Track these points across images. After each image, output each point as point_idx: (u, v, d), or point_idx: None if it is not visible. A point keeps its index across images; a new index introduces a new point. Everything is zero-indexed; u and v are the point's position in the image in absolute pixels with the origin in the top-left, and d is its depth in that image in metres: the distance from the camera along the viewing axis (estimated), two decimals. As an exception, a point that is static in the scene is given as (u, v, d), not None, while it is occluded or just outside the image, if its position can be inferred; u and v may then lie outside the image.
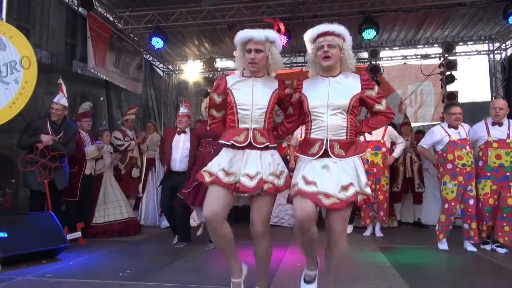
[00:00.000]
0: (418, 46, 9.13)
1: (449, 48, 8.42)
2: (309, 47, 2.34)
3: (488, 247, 4.19)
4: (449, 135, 4.23)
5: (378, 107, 2.28)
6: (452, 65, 8.32)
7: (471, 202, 4.14)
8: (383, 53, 9.26)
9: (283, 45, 2.60)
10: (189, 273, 3.30)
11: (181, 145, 4.64)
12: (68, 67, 6.69)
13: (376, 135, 5.18)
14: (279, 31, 2.49)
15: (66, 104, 4.57)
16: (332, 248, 2.24)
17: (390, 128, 5.33)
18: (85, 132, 5.14)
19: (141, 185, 6.46)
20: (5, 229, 3.59)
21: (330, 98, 2.20)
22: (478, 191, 4.18)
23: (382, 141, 5.20)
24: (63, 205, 4.89)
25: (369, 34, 6.92)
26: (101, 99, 7.56)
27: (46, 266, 3.56)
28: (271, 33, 2.32)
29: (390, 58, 9.43)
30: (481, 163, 4.21)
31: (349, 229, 5.29)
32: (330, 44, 2.21)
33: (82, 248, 4.33)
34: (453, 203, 4.13)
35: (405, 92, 9.31)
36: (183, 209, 4.55)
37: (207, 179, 2.28)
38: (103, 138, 5.44)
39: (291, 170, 3.22)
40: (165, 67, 10.09)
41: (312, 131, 2.24)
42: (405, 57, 9.37)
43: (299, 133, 5.11)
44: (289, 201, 2.29)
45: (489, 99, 8.90)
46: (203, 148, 4.47)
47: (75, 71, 6.77)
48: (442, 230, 4.22)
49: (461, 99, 8.43)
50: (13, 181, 5.83)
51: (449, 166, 4.18)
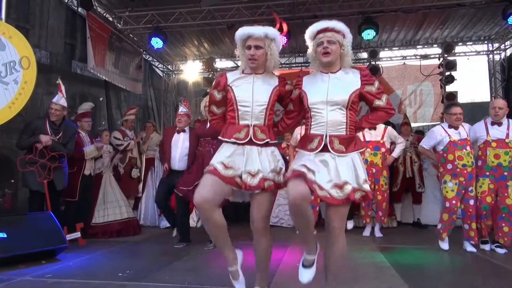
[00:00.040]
0: (418, 47, 9.14)
1: (448, 48, 8.44)
2: (309, 43, 2.34)
3: (487, 247, 4.18)
4: (449, 135, 4.23)
5: (378, 102, 2.27)
6: (452, 66, 8.34)
7: (471, 202, 4.14)
8: (382, 54, 9.28)
9: (283, 45, 2.60)
10: (188, 273, 3.30)
11: (180, 144, 4.66)
12: (68, 67, 6.68)
13: (375, 135, 5.18)
14: (281, 30, 2.48)
15: (65, 105, 4.57)
16: (331, 247, 2.24)
17: (389, 128, 5.32)
18: (84, 132, 5.14)
19: (141, 185, 6.46)
20: (4, 230, 3.58)
21: (329, 94, 2.20)
22: (477, 189, 4.19)
23: (381, 141, 5.18)
24: (63, 205, 4.88)
25: (368, 34, 6.92)
26: (101, 99, 7.55)
27: (46, 266, 3.55)
28: (270, 30, 2.32)
29: (390, 59, 9.44)
30: (480, 162, 4.21)
31: (349, 225, 5.28)
32: (329, 40, 2.21)
33: (82, 249, 4.33)
34: (454, 202, 4.13)
35: (405, 93, 9.32)
36: (182, 209, 4.57)
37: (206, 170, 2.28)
38: (102, 138, 5.44)
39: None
40: (164, 67, 10.08)
41: (312, 127, 2.25)
42: (404, 57, 9.37)
43: (298, 133, 5.10)
44: (284, 184, 2.23)
45: (488, 99, 8.91)
46: (202, 147, 4.47)
47: (74, 71, 6.76)
48: (445, 229, 4.21)
49: (460, 99, 8.44)
50: (12, 181, 5.83)
51: (449, 166, 4.18)
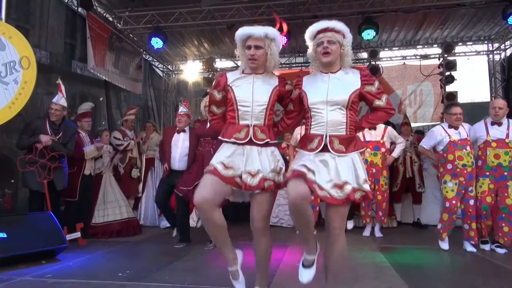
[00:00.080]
0: (418, 47, 9.14)
1: (448, 48, 8.44)
2: (309, 43, 2.34)
3: (487, 247, 4.18)
4: (449, 135, 4.23)
5: (378, 102, 2.26)
6: (452, 66, 8.34)
7: (471, 202, 4.14)
8: (382, 54, 9.27)
9: (283, 45, 2.60)
10: (188, 273, 3.30)
11: (180, 144, 4.67)
12: (68, 67, 6.68)
13: (375, 135, 5.18)
14: (280, 29, 2.48)
15: (65, 105, 4.57)
16: (331, 247, 2.24)
17: (389, 128, 5.31)
18: (84, 132, 5.14)
19: (141, 185, 6.46)
20: (4, 230, 3.58)
21: (329, 94, 2.20)
22: (476, 189, 4.18)
23: (381, 141, 5.17)
24: (63, 205, 4.89)
25: (368, 34, 6.92)
26: (101, 99, 7.55)
27: (46, 266, 3.55)
28: (270, 30, 2.32)
29: (390, 59, 9.44)
30: (480, 162, 4.21)
31: (349, 225, 5.28)
32: (330, 40, 2.21)
33: (82, 249, 4.33)
34: (454, 201, 4.12)
35: (405, 93, 9.32)
36: (182, 209, 4.57)
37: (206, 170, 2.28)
38: (102, 138, 5.44)
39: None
40: (164, 67, 10.08)
41: (312, 127, 2.25)
42: (404, 57, 9.37)
43: (298, 133, 5.10)
44: (284, 184, 2.23)
45: (488, 99, 8.91)
46: (202, 147, 4.48)
47: (74, 71, 6.76)
48: (445, 229, 4.21)
49: (460, 99, 8.44)
50: (12, 181, 5.83)
51: (449, 166, 4.18)
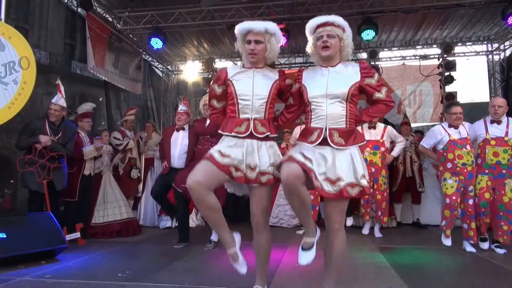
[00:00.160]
0: (417, 47, 9.15)
1: (448, 48, 8.45)
2: (309, 38, 2.35)
3: (485, 245, 4.16)
4: (449, 134, 4.23)
5: (377, 95, 2.27)
6: (451, 66, 8.35)
7: (471, 202, 4.15)
8: (382, 54, 9.29)
9: (282, 46, 2.61)
10: (188, 273, 3.30)
11: (179, 142, 4.66)
12: (67, 68, 6.67)
13: (375, 134, 5.17)
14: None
15: (65, 105, 4.57)
16: (331, 246, 2.25)
17: (389, 127, 5.30)
18: (84, 133, 5.14)
19: (141, 185, 6.46)
20: (4, 230, 3.58)
21: (328, 88, 2.21)
22: (475, 186, 4.19)
23: (381, 140, 5.16)
24: (62, 205, 4.88)
25: (368, 34, 6.92)
26: (100, 99, 7.54)
27: (45, 266, 3.55)
28: (270, 25, 2.34)
29: (389, 59, 9.45)
30: (479, 160, 4.22)
31: (349, 221, 5.26)
32: (329, 34, 2.23)
33: (81, 249, 4.33)
34: (454, 197, 4.11)
35: (404, 93, 9.33)
36: (182, 209, 4.57)
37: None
38: (102, 138, 5.44)
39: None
40: (164, 67, 10.08)
41: (312, 120, 2.26)
42: (404, 57, 9.38)
43: (297, 133, 5.10)
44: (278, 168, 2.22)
45: (487, 99, 8.89)
46: (201, 145, 4.47)
47: (74, 71, 6.75)
48: (449, 225, 4.20)
49: (460, 99, 8.42)
50: (11, 181, 5.82)
51: (449, 165, 4.18)
